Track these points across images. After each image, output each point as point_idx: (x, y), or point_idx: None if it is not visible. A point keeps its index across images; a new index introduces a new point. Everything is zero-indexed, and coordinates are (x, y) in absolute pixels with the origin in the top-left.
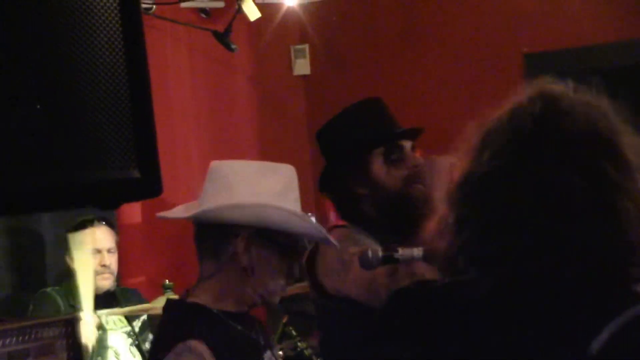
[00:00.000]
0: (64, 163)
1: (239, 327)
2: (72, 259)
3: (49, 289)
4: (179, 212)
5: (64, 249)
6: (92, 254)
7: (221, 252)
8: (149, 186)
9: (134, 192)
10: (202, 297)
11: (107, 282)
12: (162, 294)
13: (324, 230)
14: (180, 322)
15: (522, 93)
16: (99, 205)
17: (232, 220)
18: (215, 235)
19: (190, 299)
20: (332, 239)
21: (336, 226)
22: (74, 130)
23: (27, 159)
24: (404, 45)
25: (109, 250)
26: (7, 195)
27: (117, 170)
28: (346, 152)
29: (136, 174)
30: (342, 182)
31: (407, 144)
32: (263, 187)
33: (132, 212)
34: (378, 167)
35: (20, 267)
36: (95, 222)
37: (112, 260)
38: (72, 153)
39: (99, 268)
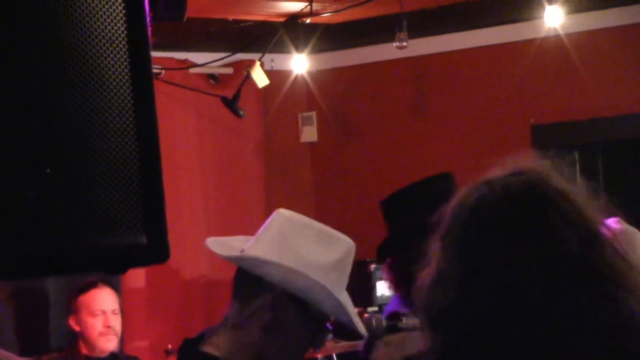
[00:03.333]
0: (72, 227)
1: None
2: (76, 321)
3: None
4: (229, 247)
5: (68, 311)
6: (96, 316)
7: (250, 302)
8: (156, 252)
9: (141, 257)
10: (219, 347)
11: (111, 344)
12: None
13: (352, 317)
14: None
15: (497, 171)
16: (105, 270)
17: (266, 276)
18: (250, 284)
19: (207, 348)
20: (359, 325)
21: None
22: (83, 195)
23: (36, 223)
24: (412, 115)
25: (113, 312)
26: (15, 259)
27: (125, 236)
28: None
29: (143, 239)
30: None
31: None
32: (313, 256)
33: (137, 276)
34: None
35: (24, 330)
36: (99, 284)
37: (116, 322)
38: (80, 218)
39: (103, 329)
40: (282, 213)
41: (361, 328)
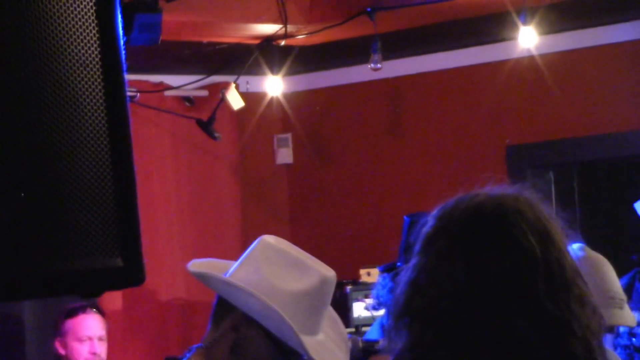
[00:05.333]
0: (47, 251)
1: None
2: (61, 344)
3: None
4: (213, 268)
5: (53, 333)
6: (82, 342)
7: (219, 323)
8: (132, 275)
9: (117, 280)
10: None
11: None
12: None
13: (308, 351)
14: None
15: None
16: (81, 294)
17: (228, 297)
18: (220, 306)
19: None
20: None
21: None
22: (58, 218)
23: (10, 246)
24: (387, 136)
25: (99, 338)
26: None
27: (100, 259)
28: None
29: (119, 262)
30: None
31: None
32: (281, 282)
33: (113, 298)
34: None
35: (1, 355)
36: (87, 309)
37: (102, 349)
38: (55, 241)
39: (89, 356)
40: (264, 238)
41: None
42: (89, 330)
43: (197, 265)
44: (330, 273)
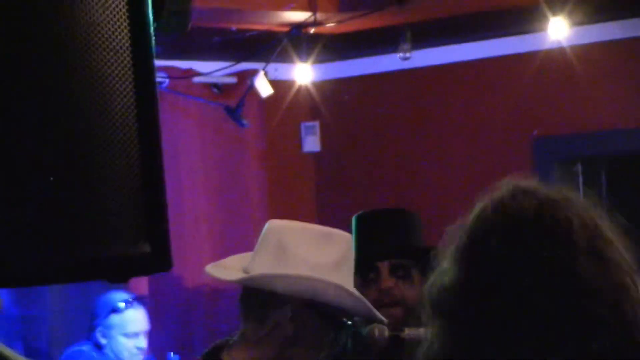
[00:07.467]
0: (75, 236)
1: None
2: (105, 337)
3: (84, 347)
4: (230, 269)
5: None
6: (129, 337)
7: (266, 318)
8: (159, 261)
9: (144, 266)
10: None
11: None
12: None
13: (371, 307)
14: None
15: (498, 189)
16: (108, 279)
17: (280, 290)
18: (263, 301)
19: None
20: (378, 314)
21: None
22: (86, 204)
23: (38, 231)
24: (415, 126)
25: (144, 333)
26: (17, 267)
27: (128, 245)
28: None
29: (146, 248)
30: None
31: (384, 265)
32: (317, 258)
33: (139, 284)
34: (357, 285)
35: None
36: (135, 304)
37: (146, 343)
38: (83, 226)
39: (135, 350)
40: (275, 223)
41: (380, 316)
42: (137, 326)
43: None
44: (348, 234)
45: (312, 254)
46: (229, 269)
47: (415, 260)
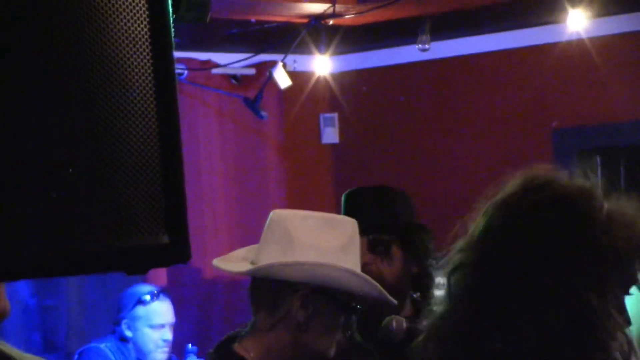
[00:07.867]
0: (94, 227)
1: None
2: (130, 328)
3: (102, 345)
4: (237, 261)
5: (117, 314)
6: (155, 329)
7: (277, 306)
8: (178, 252)
9: (162, 257)
10: (253, 352)
11: (165, 356)
12: (185, 358)
13: (382, 290)
14: None
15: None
16: (127, 270)
17: (291, 278)
18: (272, 290)
19: (240, 351)
20: (389, 296)
21: None
22: (105, 195)
23: (57, 223)
24: (434, 118)
25: (170, 326)
26: (36, 258)
27: (147, 236)
28: None
29: (165, 240)
30: None
31: (362, 241)
32: (324, 243)
33: (158, 275)
34: None
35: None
36: (161, 297)
37: (171, 335)
38: (102, 218)
39: (160, 342)
40: (278, 213)
41: (392, 299)
42: (163, 318)
43: (223, 264)
44: (352, 219)
45: (318, 240)
46: (237, 261)
47: (396, 236)
